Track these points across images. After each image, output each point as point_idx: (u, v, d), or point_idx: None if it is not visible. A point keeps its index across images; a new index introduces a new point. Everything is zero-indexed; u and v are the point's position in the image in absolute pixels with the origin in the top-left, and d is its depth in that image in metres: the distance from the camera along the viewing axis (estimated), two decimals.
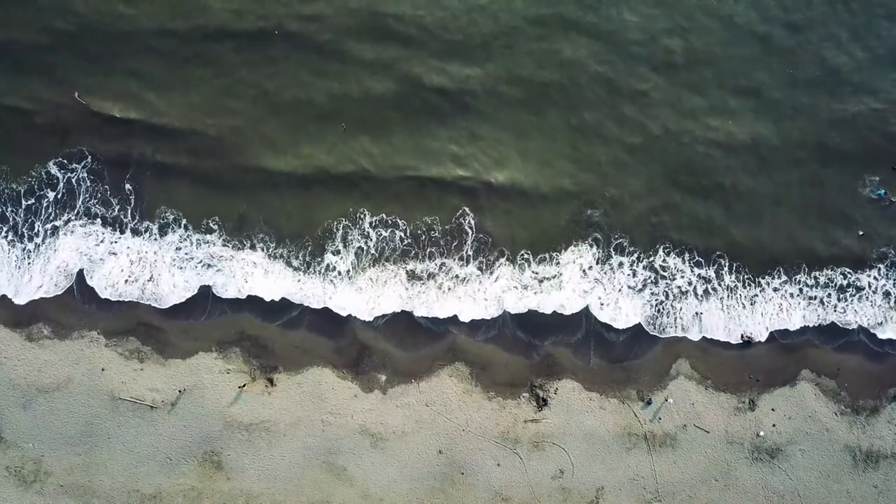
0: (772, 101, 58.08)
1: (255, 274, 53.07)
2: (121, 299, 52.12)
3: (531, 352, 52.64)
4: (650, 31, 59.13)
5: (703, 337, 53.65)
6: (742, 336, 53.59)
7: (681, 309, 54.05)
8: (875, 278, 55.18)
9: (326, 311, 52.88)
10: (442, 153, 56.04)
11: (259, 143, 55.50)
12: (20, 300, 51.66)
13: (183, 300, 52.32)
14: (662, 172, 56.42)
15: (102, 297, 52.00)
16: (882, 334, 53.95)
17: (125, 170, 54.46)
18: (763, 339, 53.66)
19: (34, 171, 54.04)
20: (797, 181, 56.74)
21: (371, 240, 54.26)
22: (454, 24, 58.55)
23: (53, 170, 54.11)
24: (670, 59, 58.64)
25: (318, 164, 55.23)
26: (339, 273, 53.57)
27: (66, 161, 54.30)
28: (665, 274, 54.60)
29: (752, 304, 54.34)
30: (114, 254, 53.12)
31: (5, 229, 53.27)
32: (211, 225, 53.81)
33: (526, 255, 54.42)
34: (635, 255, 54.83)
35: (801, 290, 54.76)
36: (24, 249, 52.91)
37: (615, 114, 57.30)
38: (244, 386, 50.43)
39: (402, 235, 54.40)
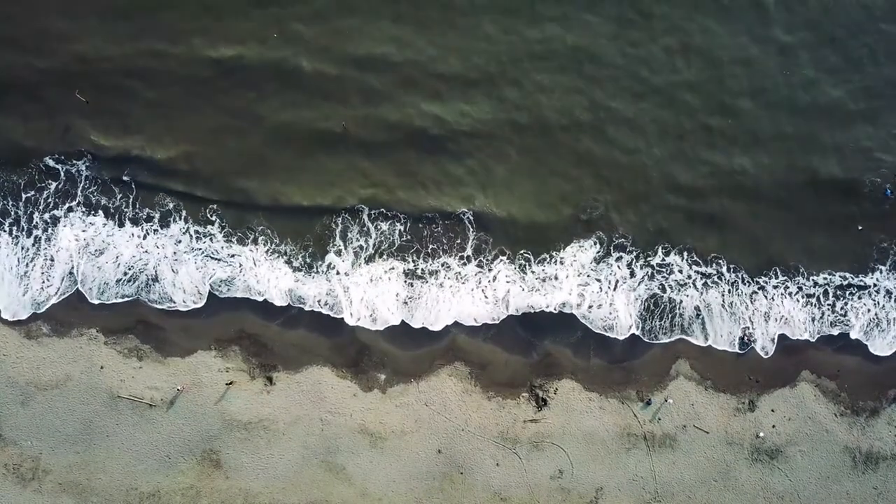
0: (766, 120, 57.56)
1: (259, 274, 52.87)
2: (123, 300, 52.09)
3: (531, 351, 52.55)
4: (641, 55, 58.27)
5: (705, 340, 53.68)
6: (743, 338, 53.46)
7: (681, 302, 53.87)
8: (877, 280, 54.99)
9: (326, 311, 52.89)
10: (440, 179, 55.30)
11: (255, 167, 54.90)
12: (24, 314, 51.72)
13: (190, 307, 52.29)
14: (660, 182, 56.12)
15: (107, 301, 52.11)
16: (881, 351, 53.68)
17: (122, 171, 54.48)
18: (770, 352, 53.38)
19: (32, 164, 53.96)
20: (796, 183, 56.39)
21: (371, 237, 54.05)
22: (448, 53, 57.50)
23: (51, 163, 53.98)
24: (664, 85, 57.80)
25: (315, 185, 54.72)
26: (338, 273, 53.37)
27: (64, 158, 54.10)
28: (664, 272, 54.40)
29: (752, 306, 54.14)
30: (112, 247, 53.08)
31: (7, 224, 53.20)
32: (210, 216, 53.79)
33: (526, 255, 54.26)
34: (634, 254, 54.63)
35: (800, 289, 54.58)
36: (24, 249, 52.72)
37: (608, 135, 56.65)
38: (231, 383, 50.35)
39: (402, 230, 54.23)
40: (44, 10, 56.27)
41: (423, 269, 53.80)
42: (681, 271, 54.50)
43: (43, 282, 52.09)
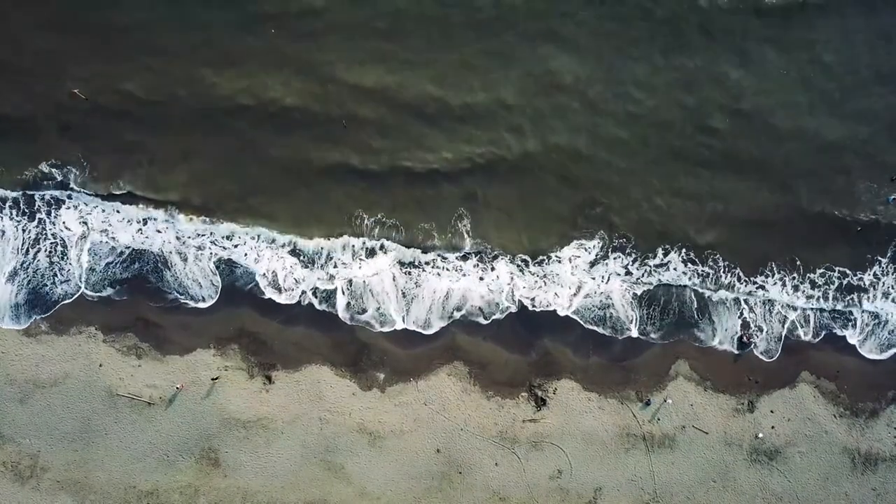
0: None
1: (261, 264, 53.07)
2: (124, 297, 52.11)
3: (530, 351, 52.54)
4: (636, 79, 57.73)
5: (705, 339, 53.70)
6: (742, 338, 53.50)
7: (680, 302, 53.98)
8: (875, 276, 55.01)
9: (326, 309, 52.85)
10: (438, 204, 54.90)
11: (251, 195, 54.52)
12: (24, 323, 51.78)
13: (207, 303, 52.38)
14: (658, 189, 56.06)
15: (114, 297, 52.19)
16: (874, 355, 53.78)
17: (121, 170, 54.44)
18: (775, 355, 53.39)
19: (30, 170, 53.89)
20: (796, 187, 56.52)
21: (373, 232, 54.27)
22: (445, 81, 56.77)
23: (47, 169, 53.84)
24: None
25: (311, 214, 54.48)
26: (336, 265, 53.42)
27: (60, 163, 53.90)
28: (662, 272, 54.46)
29: (749, 307, 54.24)
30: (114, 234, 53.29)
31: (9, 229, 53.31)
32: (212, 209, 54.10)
33: (524, 258, 54.27)
34: (632, 256, 54.64)
35: (796, 287, 54.62)
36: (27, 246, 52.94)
37: (604, 156, 56.25)
38: (217, 378, 50.34)
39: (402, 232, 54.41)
40: (38, 31, 55.70)
41: (420, 261, 53.82)
42: (675, 269, 54.52)
43: (55, 276, 52.16)
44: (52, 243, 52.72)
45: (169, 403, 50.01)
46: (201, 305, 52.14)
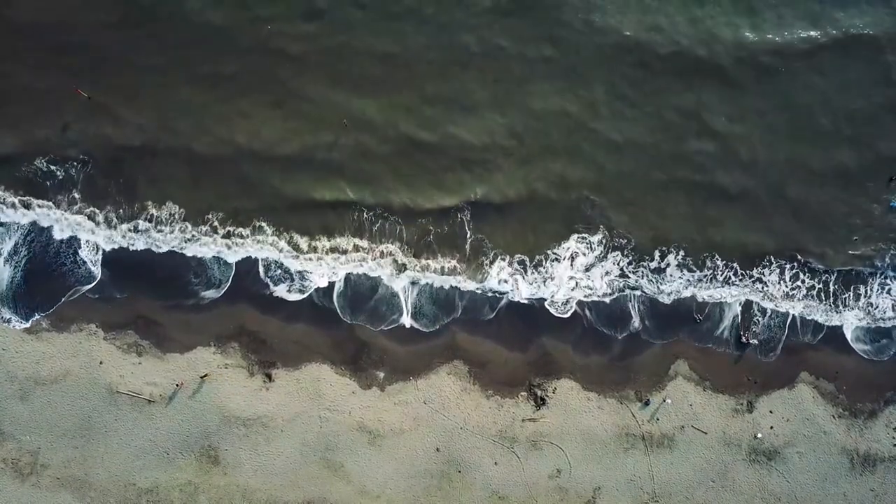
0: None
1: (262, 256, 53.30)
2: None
3: (530, 350, 52.62)
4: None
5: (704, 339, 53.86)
6: (742, 337, 53.59)
7: (679, 301, 54.09)
8: (872, 274, 55.22)
9: (327, 306, 52.89)
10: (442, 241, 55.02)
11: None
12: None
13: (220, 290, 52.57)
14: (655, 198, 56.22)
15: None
16: (871, 355, 54.05)
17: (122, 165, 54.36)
18: (776, 352, 53.62)
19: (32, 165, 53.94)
20: (794, 191, 56.69)
21: (373, 227, 54.41)
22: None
23: (45, 166, 53.81)
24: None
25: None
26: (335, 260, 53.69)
27: (61, 160, 53.82)
28: (660, 274, 54.60)
29: (748, 304, 54.40)
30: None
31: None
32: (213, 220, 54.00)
33: (523, 259, 54.34)
34: (629, 258, 54.72)
35: (796, 276, 54.81)
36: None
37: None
38: (205, 375, 50.42)
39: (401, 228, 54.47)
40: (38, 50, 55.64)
41: (419, 266, 54.00)
42: (672, 271, 54.60)
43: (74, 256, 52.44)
44: (61, 226, 52.89)
45: (169, 401, 50.08)
46: (211, 294, 52.15)
